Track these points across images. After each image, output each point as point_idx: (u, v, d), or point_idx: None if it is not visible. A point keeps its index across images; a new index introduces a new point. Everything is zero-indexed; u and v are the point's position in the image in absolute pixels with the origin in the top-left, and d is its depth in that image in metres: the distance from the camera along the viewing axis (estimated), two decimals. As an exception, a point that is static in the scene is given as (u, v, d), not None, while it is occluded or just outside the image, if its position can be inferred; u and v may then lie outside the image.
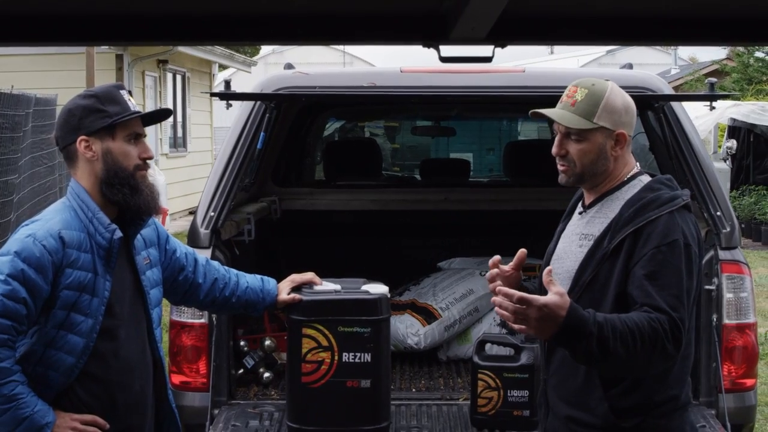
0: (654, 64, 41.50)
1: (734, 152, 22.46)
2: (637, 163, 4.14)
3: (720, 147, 22.38)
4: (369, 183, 8.89)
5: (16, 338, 4.08)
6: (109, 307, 4.24)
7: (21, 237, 4.14)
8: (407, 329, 7.04)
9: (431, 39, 3.62)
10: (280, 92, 6.33)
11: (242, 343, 6.51)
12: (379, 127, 13.87)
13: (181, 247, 4.78)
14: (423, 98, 6.85)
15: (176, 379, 5.97)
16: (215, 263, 4.94)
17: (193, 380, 5.97)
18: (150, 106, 21.93)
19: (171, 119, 23.71)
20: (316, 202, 8.28)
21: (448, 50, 3.73)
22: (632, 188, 4.04)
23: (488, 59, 3.77)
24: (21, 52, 18.13)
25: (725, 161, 21.56)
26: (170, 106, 23.43)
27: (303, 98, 6.83)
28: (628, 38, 3.88)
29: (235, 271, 4.98)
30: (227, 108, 6.38)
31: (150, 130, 21.62)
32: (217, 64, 27.40)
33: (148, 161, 4.34)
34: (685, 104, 6.73)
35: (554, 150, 4.07)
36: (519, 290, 3.76)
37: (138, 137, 4.31)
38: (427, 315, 7.10)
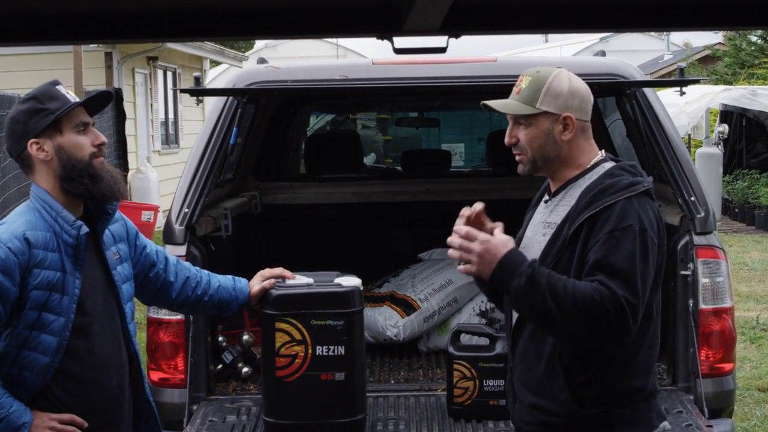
0: (647, 50, 41.53)
1: (726, 137, 22.47)
2: (602, 151, 4.14)
3: (712, 132, 22.36)
4: (350, 176, 8.89)
5: None
6: (80, 304, 4.23)
7: None
8: (386, 321, 7.05)
9: (385, 31, 3.62)
10: (251, 87, 6.33)
11: (221, 338, 6.51)
12: (371, 119, 13.88)
13: (152, 245, 4.78)
14: (392, 90, 6.85)
15: (155, 375, 5.98)
16: (186, 263, 4.94)
17: (172, 377, 5.98)
18: (141, 104, 21.90)
19: (163, 116, 23.69)
20: (297, 196, 8.29)
21: (402, 42, 3.74)
22: (594, 175, 4.04)
23: (442, 50, 3.78)
24: (7, 53, 18.08)
25: (717, 146, 21.54)
26: (161, 103, 23.43)
27: (275, 92, 6.83)
28: (581, 26, 3.87)
29: (206, 271, 4.98)
30: (197, 104, 6.39)
31: (142, 127, 21.73)
32: (208, 60, 27.36)
33: (102, 147, 4.32)
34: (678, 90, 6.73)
35: (506, 139, 4.12)
36: None
37: (86, 126, 4.30)
38: (406, 306, 7.10)
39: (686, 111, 20.16)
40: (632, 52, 41.13)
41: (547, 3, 3.59)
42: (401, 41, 3.71)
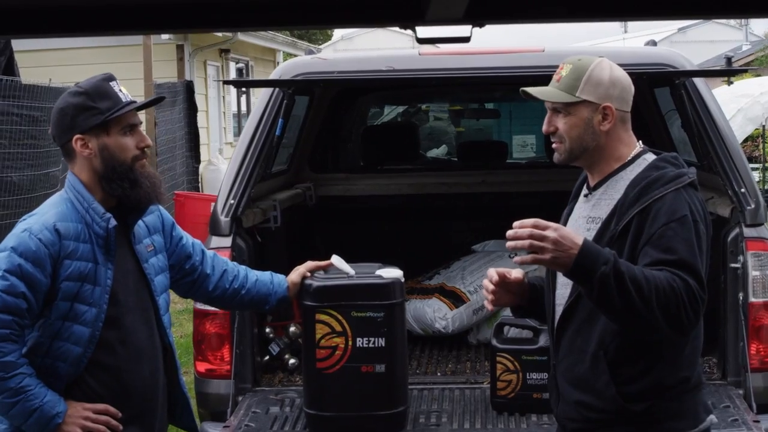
0: (726, 41, 40.99)
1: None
2: (640, 141, 4.08)
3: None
4: (407, 167, 8.88)
5: (20, 332, 4.13)
6: (112, 295, 4.27)
7: (17, 232, 4.19)
8: (435, 313, 7.02)
9: (408, 20, 3.57)
10: (297, 78, 6.33)
11: (268, 330, 6.52)
12: (443, 111, 13.84)
13: (189, 237, 4.79)
14: (438, 80, 6.81)
15: (201, 366, 6.00)
16: (224, 258, 4.95)
17: (218, 368, 5.99)
18: (213, 96, 22.02)
19: (235, 108, 23.80)
20: (353, 188, 8.28)
21: (425, 31, 3.68)
22: (637, 167, 3.98)
23: (466, 39, 3.71)
24: (78, 45, 18.20)
25: (792, 137, 21.21)
26: (233, 95, 23.50)
27: (321, 83, 6.82)
28: (613, 13, 3.79)
29: (243, 266, 4.98)
30: (240, 95, 6.40)
31: (214, 120, 21.84)
32: (281, 52, 27.42)
33: (146, 150, 4.35)
34: (755, 78, 6.65)
35: (543, 128, 4.08)
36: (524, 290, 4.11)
37: (133, 128, 4.31)
38: (455, 299, 7.08)
39: (761, 101, 19.84)
40: (711, 42, 40.71)
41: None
42: (424, 31, 3.65)
